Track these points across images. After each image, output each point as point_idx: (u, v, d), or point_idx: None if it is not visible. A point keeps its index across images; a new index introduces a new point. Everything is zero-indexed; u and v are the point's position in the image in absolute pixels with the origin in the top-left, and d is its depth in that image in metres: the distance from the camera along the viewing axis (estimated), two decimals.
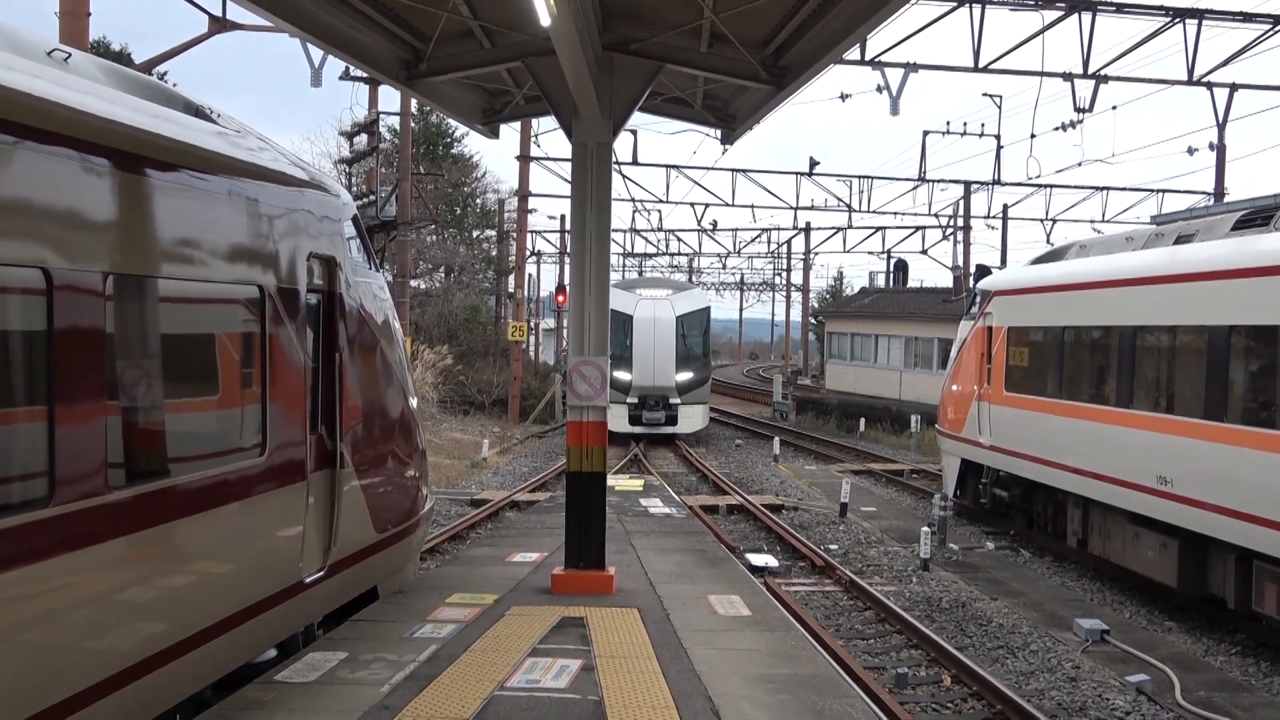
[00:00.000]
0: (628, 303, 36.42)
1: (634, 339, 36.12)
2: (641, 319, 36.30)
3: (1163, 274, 15.90)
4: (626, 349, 35.97)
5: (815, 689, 8.01)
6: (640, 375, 35.98)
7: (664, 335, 36.29)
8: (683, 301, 38.25)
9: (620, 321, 34.60)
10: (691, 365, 37.50)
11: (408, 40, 11.54)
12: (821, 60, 10.74)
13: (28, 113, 5.54)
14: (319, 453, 8.94)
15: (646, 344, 36.06)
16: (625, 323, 35.69)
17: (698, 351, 38.59)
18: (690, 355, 37.73)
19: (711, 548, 13.56)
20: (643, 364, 35.95)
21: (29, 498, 5.49)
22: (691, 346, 38.18)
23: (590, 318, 11.23)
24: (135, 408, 6.58)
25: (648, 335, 36.10)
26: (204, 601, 7.17)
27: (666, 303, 37.09)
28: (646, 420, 36.27)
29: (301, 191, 8.88)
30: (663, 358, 36.10)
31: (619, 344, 34.99)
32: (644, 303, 36.71)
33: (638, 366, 35.94)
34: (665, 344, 36.28)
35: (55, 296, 5.62)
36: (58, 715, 5.67)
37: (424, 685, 7.81)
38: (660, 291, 38.45)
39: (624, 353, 35.54)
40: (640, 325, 36.20)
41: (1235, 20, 21.65)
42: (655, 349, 35.93)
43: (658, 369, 35.88)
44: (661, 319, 36.42)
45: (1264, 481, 13.00)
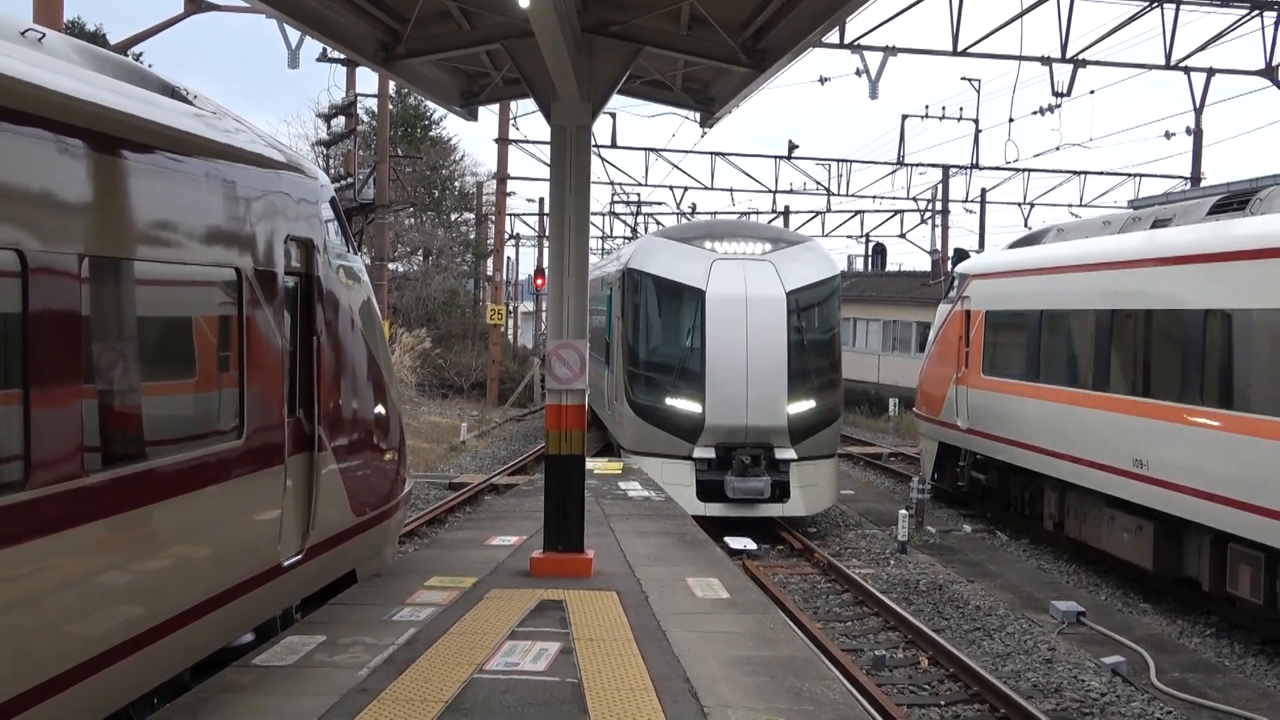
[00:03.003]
0: (692, 266, 20.15)
1: (707, 335, 19.46)
2: (721, 298, 19.58)
3: (1139, 258, 15.98)
4: (691, 354, 19.79)
5: (793, 671, 8.03)
6: (720, 407, 19.22)
7: (765, 330, 19.52)
8: (797, 265, 20.48)
9: (674, 300, 20.23)
10: (814, 386, 20.05)
11: (385, 21, 11.49)
12: (801, 43, 10.74)
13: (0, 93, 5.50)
14: (297, 436, 8.92)
15: (731, 347, 19.37)
16: (687, 302, 20.09)
17: (823, 359, 20.61)
18: (811, 367, 20.09)
19: (690, 531, 13.58)
20: (724, 385, 19.23)
21: (4, 481, 5.46)
22: (813, 350, 20.36)
23: (569, 300, 11.22)
24: (111, 391, 6.55)
25: (733, 329, 19.45)
26: (181, 585, 7.15)
27: (766, 267, 20.13)
28: (736, 491, 19.06)
29: (278, 174, 8.84)
30: (764, 373, 19.32)
31: (671, 343, 20.40)
32: (724, 267, 20.02)
33: (714, 390, 19.21)
34: (768, 346, 19.46)
35: (30, 278, 5.59)
36: (36, 699, 5.65)
37: (403, 668, 7.81)
38: (752, 246, 20.75)
39: (686, 361, 19.80)
40: (719, 310, 19.53)
41: (1213, 5, 21.73)
42: (749, 356, 19.34)
43: (755, 395, 19.24)
44: (760, 299, 19.66)
45: (1240, 464, 13.09)
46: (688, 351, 19.86)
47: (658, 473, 18.95)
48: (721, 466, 19.18)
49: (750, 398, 19.19)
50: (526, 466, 26.82)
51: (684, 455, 19.41)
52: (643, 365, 20.44)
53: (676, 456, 19.53)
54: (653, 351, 20.46)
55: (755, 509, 19.16)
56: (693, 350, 19.70)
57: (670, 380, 19.80)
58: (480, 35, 11.48)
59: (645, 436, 20.13)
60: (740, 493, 18.96)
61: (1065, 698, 11.62)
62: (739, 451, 19.12)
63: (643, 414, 20.05)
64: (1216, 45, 22.29)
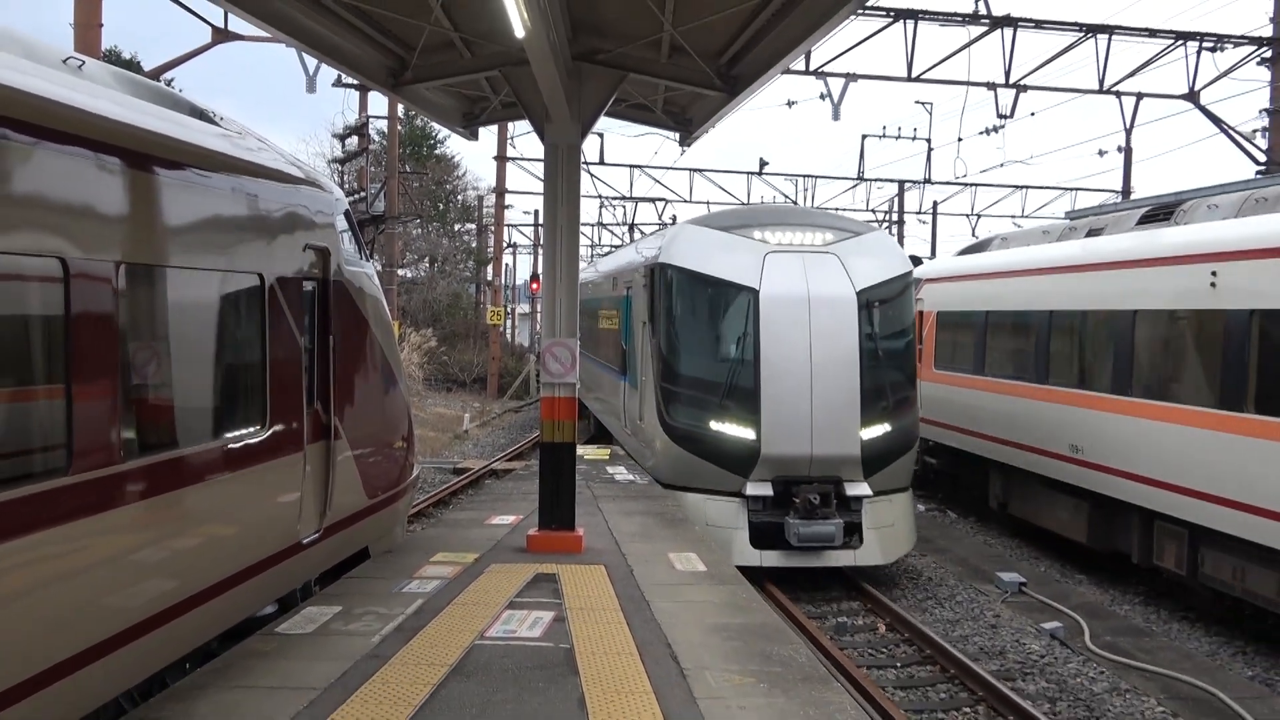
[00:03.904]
0: (740, 260, 15.19)
1: (761, 344, 14.61)
2: (777, 298, 14.77)
3: (1075, 264, 16.05)
4: (741, 368, 14.77)
5: (764, 636, 8.06)
6: (778, 432, 14.44)
7: (833, 337, 14.67)
8: (867, 259, 15.56)
9: (718, 301, 15.20)
10: (890, 404, 15.12)
11: (394, 50, 11.48)
12: (770, 70, 10.75)
13: (44, 115, 5.49)
14: (315, 426, 8.91)
15: (791, 358, 14.56)
16: (734, 304, 15.05)
17: (899, 372, 15.59)
18: (886, 382, 15.18)
19: (671, 510, 13.60)
20: (783, 406, 14.44)
21: (49, 467, 5.46)
22: (888, 361, 15.36)
23: (561, 303, 11.22)
24: (145, 385, 6.54)
25: (794, 337, 14.61)
26: (210, 561, 7.15)
27: (831, 261, 15.23)
28: (801, 537, 14.09)
29: (297, 188, 8.83)
30: (832, 390, 14.52)
31: (716, 353, 15.17)
32: (780, 261, 15.11)
33: (771, 412, 14.44)
34: (837, 357, 14.65)
35: (71, 283, 5.58)
36: (83, 663, 5.67)
37: (411, 636, 7.82)
38: (811, 235, 15.65)
39: (735, 376, 14.78)
40: (775, 313, 14.70)
41: (1141, 35, 21.80)
42: (814, 370, 14.52)
43: (821, 417, 14.43)
44: (826, 299, 14.85)
45: (1164, 448, 13.17)
46: (737, 364, 14.52)
47: (699, 512, 14.19)
48: (779, 505, 14.10)
49: (816, 421, 14.03)
50: (523, 453, 26.79)
51: (733, 492, 14.26)
52: (680, 380, 15.08)
53: (723, 493, 14.31)
54: (692, 364, 15.06)
55: (821, 557, 14.04)
56: (743, 363, 14.42)
57: (715, 400, 14.52)
58: (480, 63, 11.47)
59: (683, 468, 14.80)
60: (806, 539, 13.68)
61: (1009, 659, 11.67)
62: (803, 488, 13.95)
63: (681, 441, 14.69)
64: (1144, 72, 22.36)
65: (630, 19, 10.44)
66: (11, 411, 5.40)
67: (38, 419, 5.53)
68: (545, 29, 8.28)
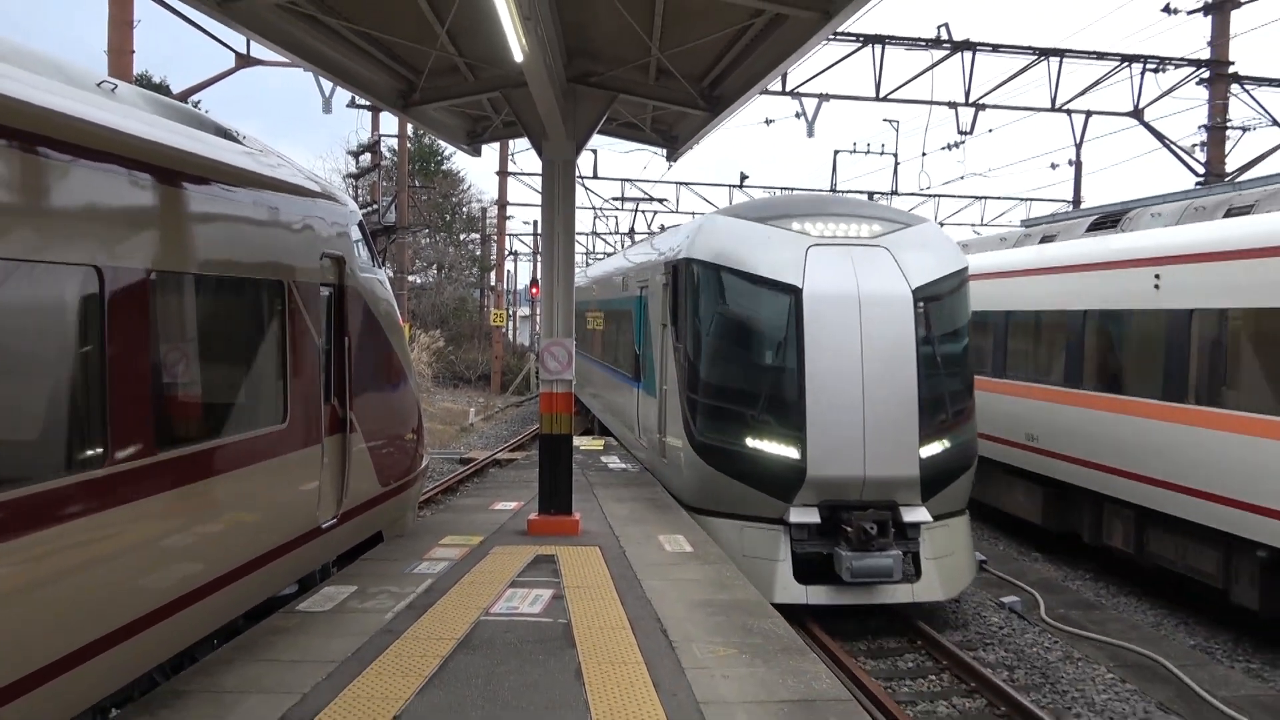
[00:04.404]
0: (779, 254, 12.23)
1: (805, 350, 11.66)
2: (823, 297, 11.82)
3: (1030, 268, 16.08)
4: (782, 377, 11.83)
5: (746, 611, 8.07)
6: (827, 451, 11.51)
7: (887, 342, 11.72)
8: (921, 253, 12.52)
9: (754, 300, 12.41)
10: (949, 417, 12.17)
11: (403, 74, 11.47)
12: (749, 91, 10.76)
13: (80, 135, 5.48)
14: (332, 420, 8.90)
15: (839, 366, 11.62)
16: (773, 304, 12.08)
17: (957, 380, 12.52)
18: (945, 391, 12.18)
19: (661, 496, 13.59)
20: (832, 420, 11.53)
21: (88, 458, 5.45)
22: (947, 368, 12.30)
23: (558, 305, 11.22)
24: (176, 383, 6.53)
25: (842, 341, 11.67)
26: (236, 545, 7.14)
27: (882, 255, 12.25)
28: (856, 571, 11.10)
29: (315, 201, 8.82)
30: (887, 402, 11.58)
31: (751, 360, 12.31)
32: (824, 256, 12.12)
33: (818, 427, 11.52)
34: (892, 364, 11.69)
35: (107, 290, 5.58)
36: (119, 639, 5.67)
37: (421, 612, 7.82)
38: (857, 227, 12.64)
39: (775, 386, 11.89)
40: (821, 314, 11.75)
41: (1090, 58, 21.84)
42: (866, 379, 11.57)
43: (875, 434, 11.51)
44: (879, 298, 11.88)
45: (1112, 437, 13.21)
46: (777, 373, 11.64)
47: (733, 541, 11.51)
48: (826, 534, 11.42)
49: (869, 438, 11.27)
50: (524, 444, 26.76)
51: (773, 519, 11.51)
52: (710, 391, 12.21)
53: (761, 520, 11.58)
54: (725, 372, 12.21)
55: (875, 593, 11.32)
56: (784, 371, 11.55)
57: (753, 413, 11.67)
58: (482, 85, 11.47)
59: (714, 490, 12.04)
60: (861, 573, 11.01)
61: (971, 631, 11.71)
62: (855, 514, 11.22)
63: (711, 459, 11.95)
64: (1093, 91, 22.38)
65: (620, 44, 10.44)
66: (53, 408, 5.39)
67: (78, 413, 5.52)
68: (542, 54, 8.28)
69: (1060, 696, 9.73)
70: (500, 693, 6.13)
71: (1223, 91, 21.76)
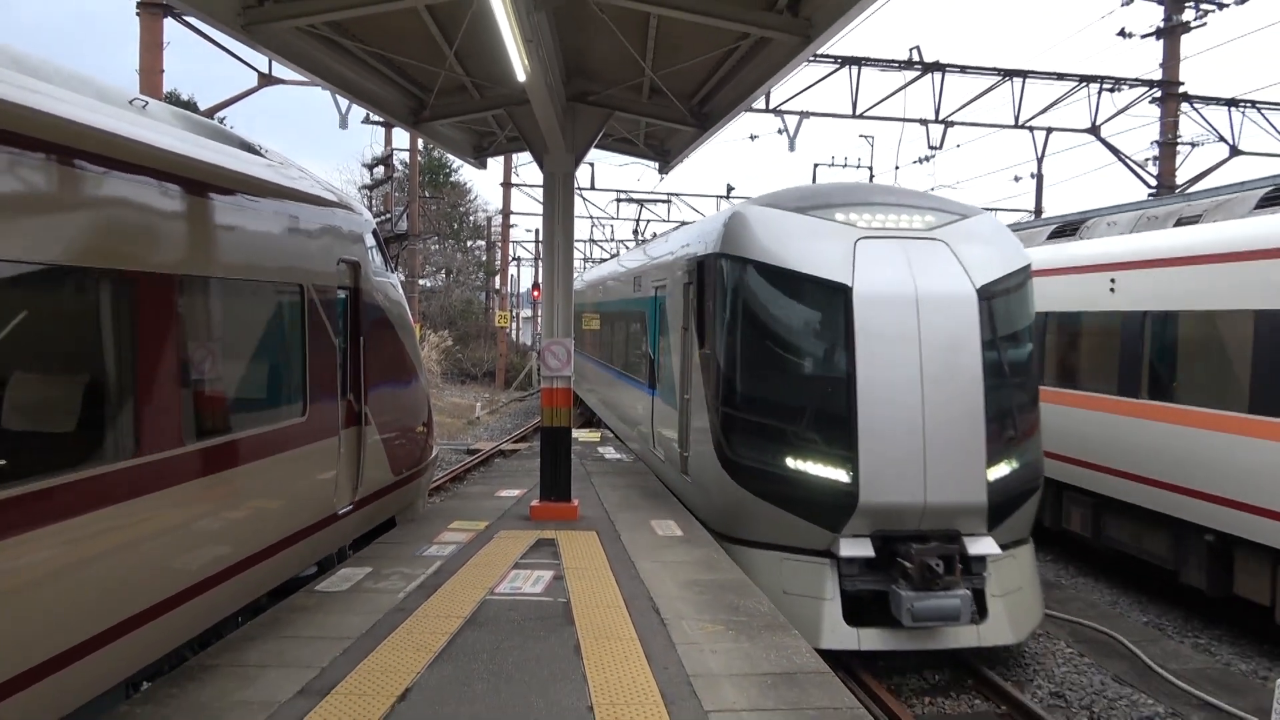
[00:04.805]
0: (823, 248, 9.82)
1: (857, 358, 9.32)
2: (876, 298, 9.50)
3: None
4: (829, 389, 9.49)
5: (731, 590, 8.08)
6: (881, 474, 9.18)
7: (950, 349, 9.39)
8: (982, 248, 10.07)
9: (796, 300, 10.03)
10: (1016, 434, 9.81)
11: (414, 92, 11.45)
12: (735, 108, 10.76)
13: (113, 148, 5.47)
14: (348, 413, 8.90)
15: (895, 376, 9.30)
16: (819, 305, 9.78)
17: (1024, 393, 10.07)
18: (1012, 405, 9.82)
19: (653, 484, 13.59)
20: (887, 439, 9.20)
21: (120, 449, 5.45)
22: (1014, 379, 9.88)
23: (558, 308, 11.22)
24: (203, 380, 6.52)
25: (899, 349, 9.35)
26: (260, 529, 7.14)
27: (940, 250, 9.86)
28: (918, 613, 8.72)
29: (332, 210, 8.81)
30: (950, 418, 9.24)
31: (793, 370, 9.98)
32: (875, 250, 9.78)
33: (872, 448, 9.19)
34: (955, 375, 9.35)
35: (140, 293, 5.57)
36: (153, 615, 5.69)
37: (431, 592, 7.82)
38: (910, 217, 10.20)
39: (821, 399, 9.54)
40: (874, 316, 9.42)
41: (1051, 78, 21.89)
42: (926, 392, 9.23)
43: (937, 455, 9.16)
44: (939, 299, 9.54)
45: (1069, 430, 13.24)
46: (824, 383, 9.55)
47: (770, 575, 9.42)
48: (879, 568, 9.23)
49: (930, 459, 9.15)
50: (526, 436, 26.74)
51: (818, 551, 9.39)
52: (744, 403, 10.01)
53: (805, 552, 9.45)
54: (760, 382, 9.97)
55: (937, 638, 9.10)
56: (832, 381, 9.44)
57: (795, 430, 9.56)
58: (488, 103, 11.46)
59: (748, 516, 9.88)
60: (924, 616, 8.80)
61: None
62: (917, 548, 8.96)
63: (746, 481, 9.81)
64: (1054, 109, 22.41)
65: (616, 65, 10.44)
66: (90, 402, 5.39)
67: (111, 407, 5.51)
68: (543, 74, 8.28)
69: (1023, 669, 9.76)
70: (504, 666, 6.14)
71: (1173, 110, 21.83)
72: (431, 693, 5.70)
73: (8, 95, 4.75)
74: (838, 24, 7.80)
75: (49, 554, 4.83)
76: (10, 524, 4.58)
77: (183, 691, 5.66)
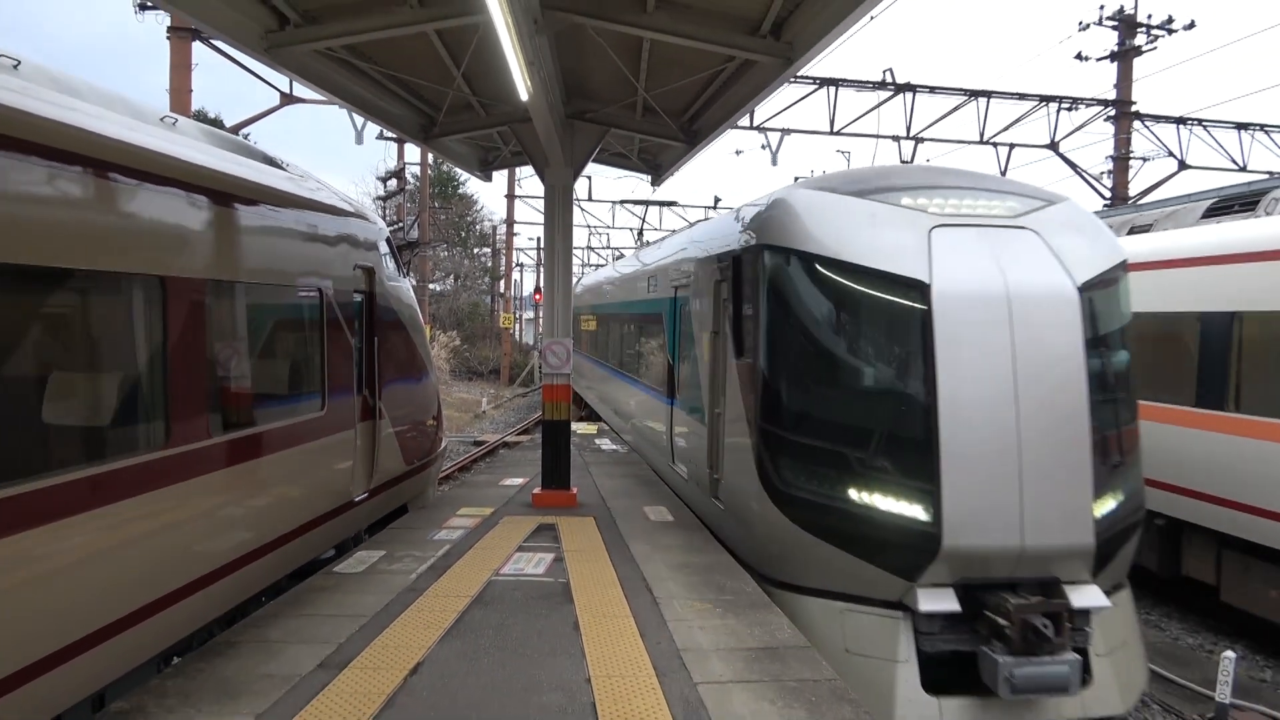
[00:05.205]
0: (892, 237, 7.31)
1: (939, 372, 6.79)
2: (961, 296, 6.97)
3: None
4: (903, 408, 6.98)
5: (719, 571, 8.08)
6: (969, 513, 6.59)
7: (1050, 361, 6.79)
8: (1078, 239, 7.47)
9: (860, 302, 7.41)
10: (1121, 461, 7.28)
11: (425, 111, 11.45)
12: (722, 126, 10.78)
13: (146, 162, 5.47)
14: (364, 408, 8.89)
15: (986, 390, 6.73)
16: (888, 308, 7.21)
17: (1128, 411, 7.51)
18: (1119, 425, 7.29)
19: (646, 473, 13.60)
20: (976, 471, 6.61)
21: (152, 441, 5.45)
22: (1117, 392, 7.34)
23: (558, 310, 11.22)
24: (228, 377, 6.52)
25: (989, 356, 6.81)
26: (282, 515, 7.13)
27: (1030, 241, 7.33)
28: (1018, 684, 6.31)
29: (348, 219, 8.80)
30: (1048, 442, 6.65)
31: (859, 385, 7.38)
32: (955, 240, 7.25)
33: (957, 480, 6.62)
34: (1054, 388, 6.74)
35: (169, 296, 5.56)
36: (185, 594, 5.71)
37: (441, 573, 7.81)
38: (989, 202, 7.63)
39: (893, 420, 7.04)
40: (958, 319, 6.90)
41: (1013, 98, 21.94)
42: (1021, 410, 6.67)
43: (1035, 489, 6.57)
44: (1035, 299, 6.98)
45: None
46: (896, 400, 7.27)
47: (830, 630, 7.20)
48: (962, 622, 6.87)
49: (1027, 492, 6.83)
50: (529, 429, 26.74)
51: (889, 602, 7.06)
52: (796, 422, 7.77)
53: (872, 603, 7.13)
54: (817, 398, 7.72)
55: (1037, 710, 6.80)
56: (907, 398, 7.16)
57: (859, 455, 7.27)
58: (493, 120, 11.46)
59: (801, 558, 7.59)
60: (1030, 687, 6.50)
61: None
62: (1014, 603, 6.61)
63: (799, 516, 7.49)
64: (1016, 126, 22.46)
65: (612, 85, 10.45)
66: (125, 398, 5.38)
67: (143, 403, 5.51)
68: (544, 94, 8.28)
69: None
70: (509, 642, 6.14)
71: (1126, 127, 21.90)
72: (441, 666, 5.70)
73: (50, 114, 4.75)
74: (816, 47, 7.82)
75: (117, 532, 4.92)
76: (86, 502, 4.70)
77: (210, 666, 5.66)
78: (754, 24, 8.19)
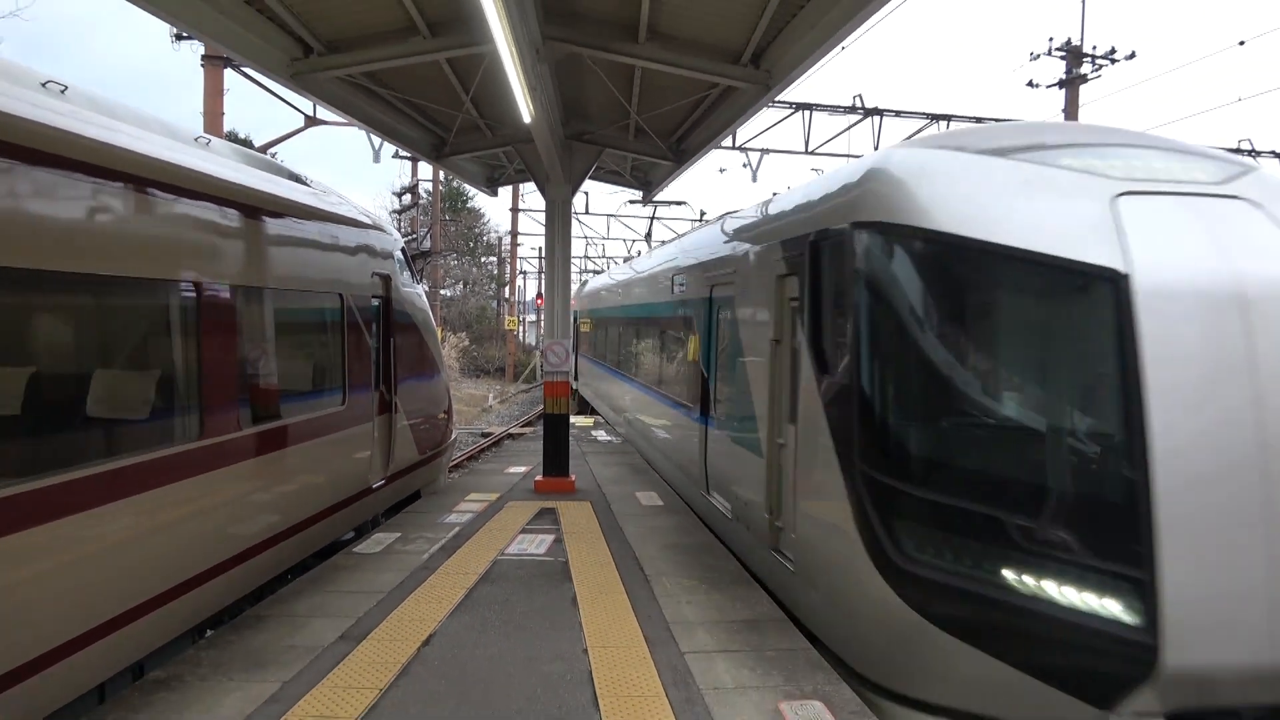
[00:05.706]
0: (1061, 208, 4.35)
1: (1150, 396, 3.92)
2: (1169, 293, 4.04)
3: None
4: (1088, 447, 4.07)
5: (705, 552, 8.08)
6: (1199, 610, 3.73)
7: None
8: None
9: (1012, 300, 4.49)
10: None
11: (436, 132, 11.43)
12: (707, 146, 10.78)
13: (183, 178, 5.45)
14: (380, 402, 8.88)
15: (1214, 431, 3.84)
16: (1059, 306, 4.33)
17: None
18: None
19: (638, 462, 13.60)
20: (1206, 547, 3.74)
21: (187, 433, 5.43)
22: None
23: (557, 313, 11.21)
24: (257, 374, 6.50)
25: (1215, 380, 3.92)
26: (306, 501, 7.12)
27: (1252, 216, 4.24)
28: None
29: (366, 231, 8.78)
30: None
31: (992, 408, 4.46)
32: (1154, 212, 4.22)
33: (1182, 559, 3.72)
34: None
35: (203, 301, 5.55)
36: (218, 572, 5.72)
37: (451, 553, 7.80)
38: (1186, 166, 4.53)
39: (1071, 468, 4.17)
40: (1169, 329, 4.00)
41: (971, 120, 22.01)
42: (1268, 467, 3.66)
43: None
44: (1273, 295, 3.89)
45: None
46: (1080, 444, 4.25)
47: None
48: None
49: (1277, 583, 3.85)
50: (531, 422, 26.70)
51: None
52: (925, 471, 4.61)
53: None
54: (955, 438, 4.55)
55: None
56: (1098, 440, 4.23)
57: (1025, 523, 4.20)
58: (499, 141, 11.45)
59: (933, 665, 4.48)
60: None
61: None
62: None
63: (930, 605, 4.41)
64: None
65: (607, 109, 10.45)
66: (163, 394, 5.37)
67: (180, 399, 5.49)
68: (545, 117, 8.27)
69: None
70: (513, 616, 6.14)
71: None
72: (451, 638, 5.69)
73: (96, 135, 4.73)
74: (792, 75, 7.84)
75: (157, 516, 4.93)
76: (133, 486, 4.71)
77: (240, 638, 5.64)
78: (736, 54, 8.20)
